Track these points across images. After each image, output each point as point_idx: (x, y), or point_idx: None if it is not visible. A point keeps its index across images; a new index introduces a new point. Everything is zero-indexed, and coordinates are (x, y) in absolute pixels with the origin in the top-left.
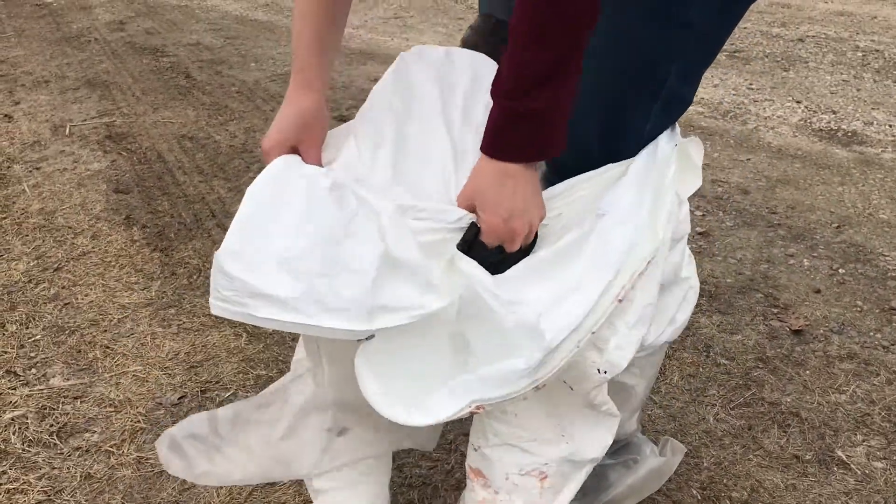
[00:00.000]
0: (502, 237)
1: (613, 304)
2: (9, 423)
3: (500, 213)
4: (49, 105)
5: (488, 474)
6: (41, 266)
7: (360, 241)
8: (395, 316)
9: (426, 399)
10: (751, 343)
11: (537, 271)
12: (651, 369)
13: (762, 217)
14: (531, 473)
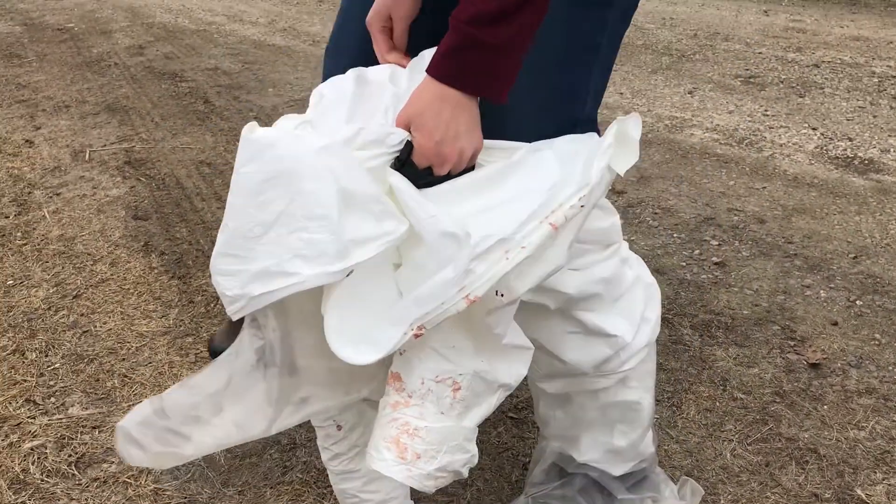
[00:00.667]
0: (431, 160)
1: (545, 225)
2: (28, 452)
3: (434, 136)
4: (69, 130)
5: (405, 378)
6: (61, 293)
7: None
8: (366, 248)
9: (373, 334)
10: (768, 377)
11: (466, 190)
12: (648, 379)
13: (778, 247)
14: (445, 381)
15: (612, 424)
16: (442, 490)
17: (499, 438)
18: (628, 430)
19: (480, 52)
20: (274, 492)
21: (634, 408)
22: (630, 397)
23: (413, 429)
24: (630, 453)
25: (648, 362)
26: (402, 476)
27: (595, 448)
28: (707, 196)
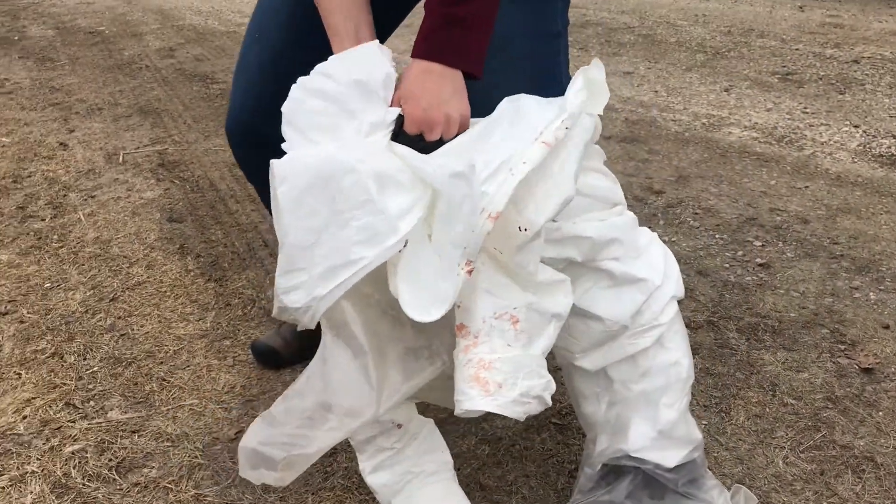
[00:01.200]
0: (420, 125)
1: (538, 144)
2: (69, 456)
3: (420, 103)
4: (103, 133)
5: (468, 324)
6: (97, 296)
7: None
8: (409, 216)
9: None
10: (818, 382)
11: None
12: (683, 341)
13: (824, 248)
14: (503, 316)
15: (656, 400)
16: (487, 498)
17: (543, 445)
18: (673, 401)
19: (454, 27)
20: (315, 498)
21: (675, 370)
22: (669, 357)
23: (487, 362)
24: (680, 431)
25: (678, 323)
26: (491, 406)
27: (644, 431)
28: (748, 196)
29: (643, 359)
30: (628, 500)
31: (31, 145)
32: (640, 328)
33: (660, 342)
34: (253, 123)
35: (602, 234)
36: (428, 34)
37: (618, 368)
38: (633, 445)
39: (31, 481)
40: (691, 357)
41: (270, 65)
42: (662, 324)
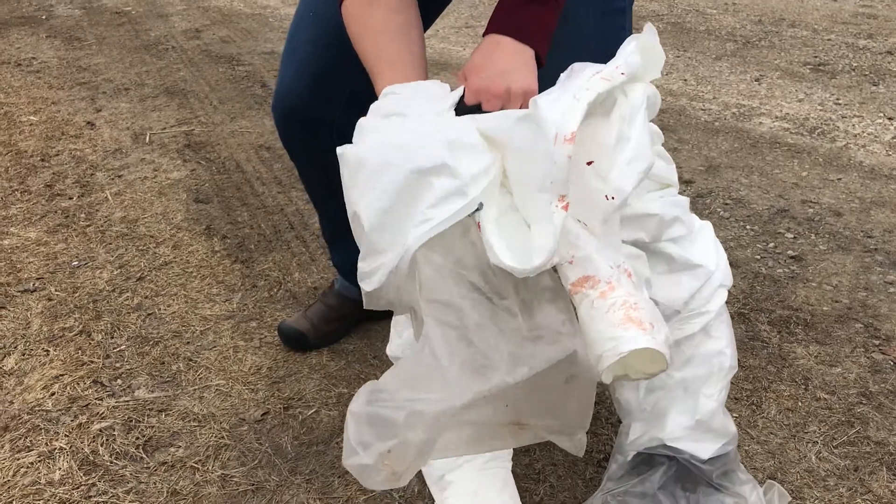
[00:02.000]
0: (478, 95)
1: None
2: (97, 434)
3: (481, 72)
4: (129, 113)
5: (596, 272)
6: (124, 275)
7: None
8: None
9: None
10: (852, 376)
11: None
12: (728, 332)
13: (857, 241)
14: (620, 268)
15: (696, 389)
16: (516, 486)
17: None
18: (713, 391)
19: (532, 3)
20: (342, 481)
21: (719, 359)
22: (714, 346)
23: (633, 302)
24: (717, 423)
25: (725, 313)
26: (654, 343)
27: (681, 421)
28: (779, 187)
29: (687, 346)
30: (661, 490)
31: (58, 124)
32: (688, 314)
33: (705, 331)
34: (302, 103)
35: (666, 211)
36: (507, 10)
37: None
38: (670, 434)
39: (60, 457)
40: (735, 348)
41: (324, 45)
42: (710, 311)
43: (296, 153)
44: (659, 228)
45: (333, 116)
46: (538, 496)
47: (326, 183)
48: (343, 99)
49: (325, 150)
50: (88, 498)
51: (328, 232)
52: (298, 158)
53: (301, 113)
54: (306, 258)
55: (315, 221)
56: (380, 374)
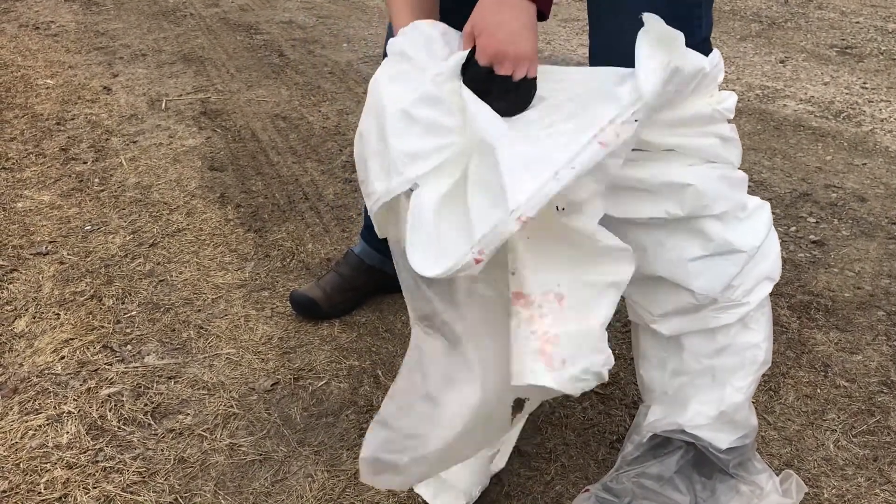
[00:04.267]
0: (493, 58)
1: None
2: (105, 399)
3: (495, 33)
4: (146, 79)
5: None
6: (137, 241)
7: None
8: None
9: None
10: (873, 365)
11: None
12: (768, 325)
13: (881, 227)
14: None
15: (724, 380)
16: (526, 465)
17: (584, 414)
18: (742, 384)
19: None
20: (350, 454)
21: (753, 352)
22: (750, 339)
23: (553, 335)
24: (741, 415)
25: (766, 306)
26: (554, 383)
27: (704, 410)
28: (802, 171)
29: (723, 336)
30: (677, 474)
31: (74, 88)
32: (727, 303)
33: (743, 321)
34: None
35: (705, 183)
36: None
37: (692, 339)
38: (691, 421)
39: (68, 421)
40: (771, 343)
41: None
42: (750, 303)
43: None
44: (696, 201)
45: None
46: (549, 475)
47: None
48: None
49: None
50: (95, 462)
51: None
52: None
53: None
54: (320, 229)
55: (330, 192)
56: (391, 347)
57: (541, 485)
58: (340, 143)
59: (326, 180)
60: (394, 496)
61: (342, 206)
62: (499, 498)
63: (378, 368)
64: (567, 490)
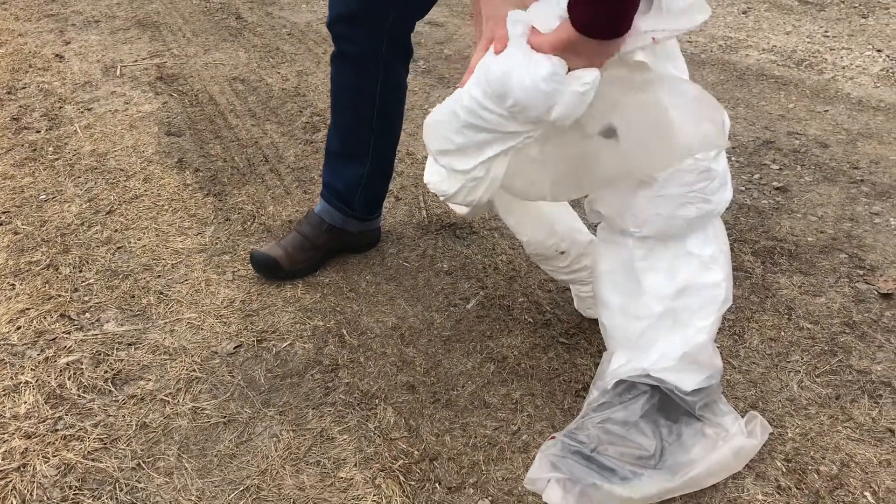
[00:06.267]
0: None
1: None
2: (64, 367)
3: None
4: (100, 45)
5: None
6: (94, 209)
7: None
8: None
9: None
10: (836, 306)
11: None
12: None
13: (843, 172)
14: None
15: (687, 321)
16: (492, 416)
17: (549, 364)
18: (705, 324)
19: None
20: (316, 413)
21: (714, 292)
22: (711, 278)
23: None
24: (704, 356)
25: (726, 247)
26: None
27: (668, 352)
28: (765, 119)
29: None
30: (643, 418)
31: (25, 56)
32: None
33: (703, 262)
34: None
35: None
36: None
37: (652, 279)
38: (655, 364)
39: (25, 391)
40: (731, 282)
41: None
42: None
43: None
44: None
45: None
46: (516, 426)
47: (356, 89)
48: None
49: (374, 53)
50: (55, 431)
51: (335, 144)
52: (346, 57)
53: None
54: (281, 191)
55: (291, 154)
56: (356, 306)
57: (507, 435)
58: (300, 105)
59: (287, 142)
60: (360, 452)
61: (303, 167)
62: (465, 450)
63: (343, 328)
64: (534, 439)
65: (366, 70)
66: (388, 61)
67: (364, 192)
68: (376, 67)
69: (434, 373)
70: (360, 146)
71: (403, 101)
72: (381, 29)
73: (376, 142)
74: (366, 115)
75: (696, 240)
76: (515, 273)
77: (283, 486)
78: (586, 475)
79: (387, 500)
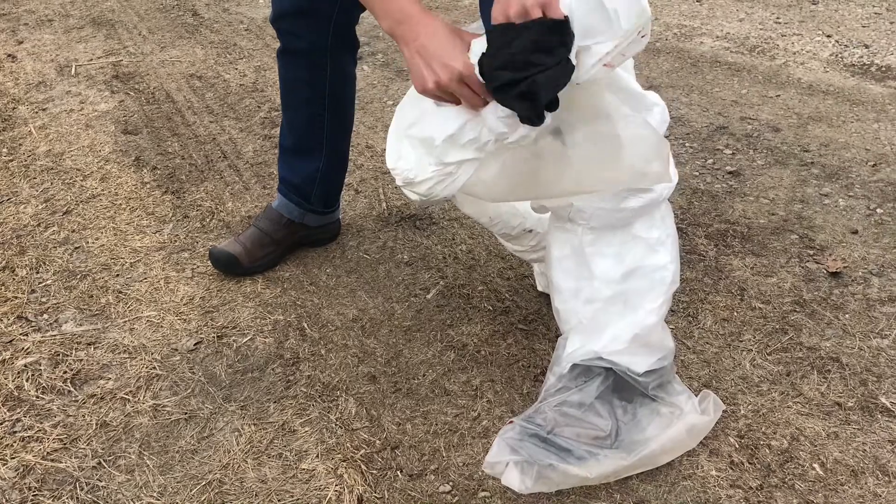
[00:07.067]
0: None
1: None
2: (22, 369)
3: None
4: (53, 44)
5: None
6: (50, 209)
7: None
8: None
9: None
10: (787, 286)
11: None
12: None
13: (794, 155)
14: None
15: (637, 303)
16: (453, 403)
17: (508, 350)
18: (654, 306)
19: None
20: (278, 406)
21: (661, 274)
22: (658, 260)
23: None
24: (655, 337)
25: (672, 228)
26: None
27: (619, 335)
28: (719, 105)
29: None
30: (598, 400)
31: None
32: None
33: (650, 245)
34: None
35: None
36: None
37: (602, 264)
38: (607, 347)
39: None
40: (679, 264)
41: None
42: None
43: (293, 46)
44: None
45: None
46: (475, 412)
47: (306, 84)
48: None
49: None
50: (13, 433)
51: (289, 140)
52: (293, 53)
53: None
54: (240, 187)
55: (249, 149)
56: (316, 299)
57: (468, 421)
58: (258, 100)
59: (245, 138)
60: (322, 443)
61: (262, 162)
62: (426, 437)
63: (304, 321)
64: (493, 425)
65: (314, 65)
66: (335, 55)
67: (321, 185)
68: (324, 61)
69: (395, 363)
70: (314, 141)
71: (354, 92)
72: (325, 23)
73: (330, 135)
74: (317, 110)
75: (643, 224)
76: (475, 262)
77: (245, 480)
78: (543, 456)
79: (349, 490)
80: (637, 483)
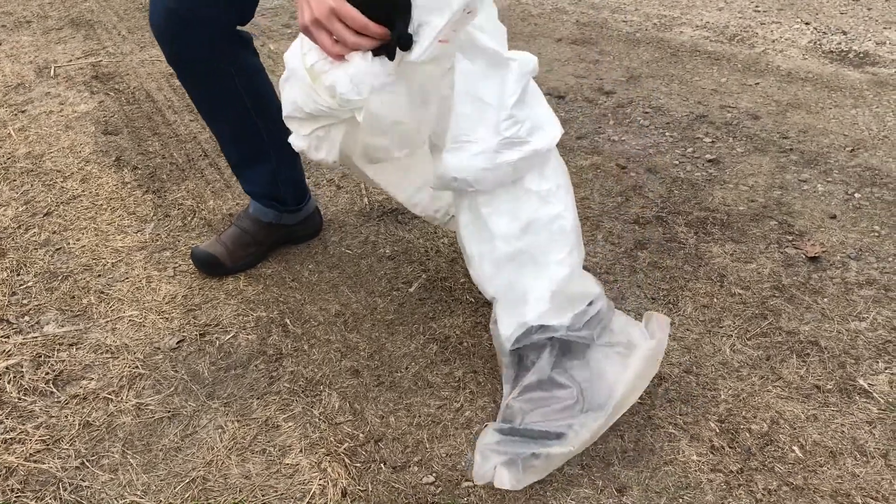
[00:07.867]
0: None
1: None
2: (3, 371)
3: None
4: (32, 46)
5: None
6: (30, 211)
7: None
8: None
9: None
10: (766, 271)
11: None
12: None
13: (773, 142)
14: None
15: (544, 259)
16: (436, 395)
17: (491, 341)
18: (562, 257)
19: None
20: (261, 402)
21: (559, 223)
22: (551, 211)
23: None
24: (576, 287)
25: (564, 178)
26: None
27: (540, 295)
28: (699, 94)
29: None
30: (554, 371)
31: None
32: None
33: (541, 197)
34: (181, 5)
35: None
36: None
37: (498, 222)
38: (534, 312)
39: None
40: (576, 212)
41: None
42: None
43: (194, 68)
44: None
45: (215, 16)
46: (458, 403)
47: (217, 95)
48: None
49: (221, 58)
50: None
51: (233, 155)
52: (191, 76)
53: (182, 18)
54: (221, 185)
55: None
56: (299, 295)
57: (451, 413)
58: None
59: None
60: (305, 438)
61: None
62: (410, 429)
63: (286, 317)
64: (476, 415)
65: (215, 73)
66: (231, 56)
67: (284, 185)
68: (225, 66)
69: (378, 356)
70: (255, 146)
71: (268, 81)
72: (210, 31)
73: (267, 134)
74: (241, 115)
75: (533, 177)
76: (457, 255)
77: (229, 476)
78: (524, 448)
79: (333, 484)
80: (619, 469)
